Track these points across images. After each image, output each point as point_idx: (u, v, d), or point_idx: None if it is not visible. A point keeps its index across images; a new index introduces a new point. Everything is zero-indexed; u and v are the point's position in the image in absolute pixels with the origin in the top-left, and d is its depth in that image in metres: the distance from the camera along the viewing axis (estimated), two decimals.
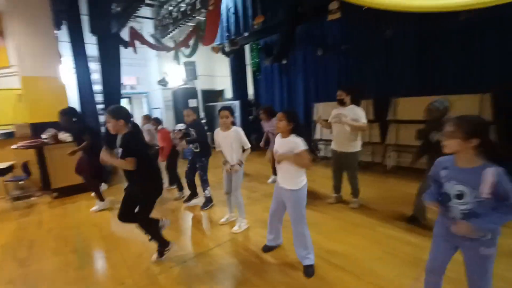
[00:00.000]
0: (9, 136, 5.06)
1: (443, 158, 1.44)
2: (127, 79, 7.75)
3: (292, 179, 2.09)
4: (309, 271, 2.13)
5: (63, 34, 5.45)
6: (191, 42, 5.00)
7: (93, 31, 5.12)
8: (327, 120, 3.42)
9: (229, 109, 2.85)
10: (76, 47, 5.07)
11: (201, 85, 8.65)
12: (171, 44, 6.32)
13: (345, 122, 3.05)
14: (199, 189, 3.78)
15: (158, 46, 5.44)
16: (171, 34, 5.55)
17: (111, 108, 2.21)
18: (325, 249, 2.44)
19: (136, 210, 2.30)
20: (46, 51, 4.80)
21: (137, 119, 9.82)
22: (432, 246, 1.56)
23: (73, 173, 4.62)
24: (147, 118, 4.97)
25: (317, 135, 6.18)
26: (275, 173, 4.74)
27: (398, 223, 2.86)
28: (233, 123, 2.92)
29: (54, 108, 4.93)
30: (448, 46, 4.23)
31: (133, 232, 3.01)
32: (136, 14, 4.76)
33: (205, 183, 3.52)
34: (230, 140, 2.82)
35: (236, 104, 7.63)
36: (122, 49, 5.91)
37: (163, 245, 2.43)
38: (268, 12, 4.66)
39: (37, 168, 5.01)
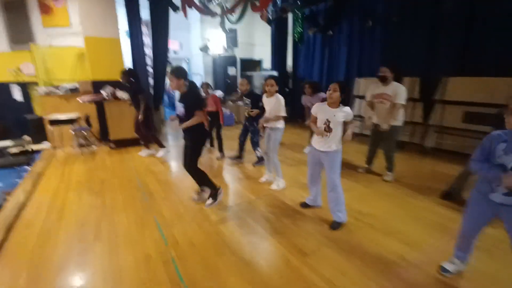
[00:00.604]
0: (74, 91, 5.72)
1: (500, 132, 1.45)
2: (170, 44, 8.04)
3: (336, 143, 2.31)
4: (334, 225, 2.39)
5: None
6: (239, 8, 5.05)
7: None
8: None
9: (275, 78, 3.20)
10: (130, 10, 5.38)
11: (240, 53, 8.72)
12: (217, 9, 6.39)
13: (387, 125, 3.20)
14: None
15: (208, 11, 5.56)
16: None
17: (173, 68, 2.49)
18: (355, 210, 2.68)
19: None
20: (107, 13, 5.19)
21: None
22: (468, 212, 1.68)
23: (128, 127, 5.21)
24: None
25: (355, 111, 6.16)
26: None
27: (430, 197, 2.97)
28: (277, 91, 3.15)
29: (113, 67, 5.46)
30: (506, 26, 3.86)
31: (184, 180, 3.49)
32: None
33: (255, 144, 3.94)
34: (271, 105, 3.08)
35: (274, 74, 7.69)
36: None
37: (213, 188, 2.73)
38: None
39: (97, 121, 5.69)
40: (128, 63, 6.00)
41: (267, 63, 9.34)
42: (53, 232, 2.42)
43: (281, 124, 3.13)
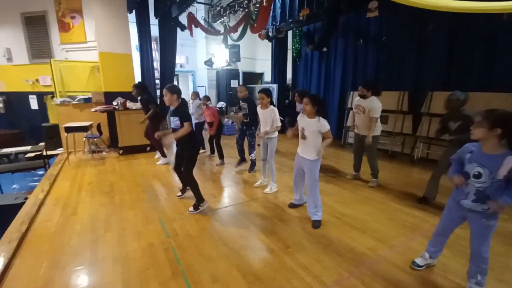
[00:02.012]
0: (87, 101, 6.19)
1: (471, 143, 1.67)
2: (177, 58, 8.56)
3: (313, 152, 2.59)
4: (315, 224, 2.67)
5: (130, 15, 6.28)
6: (240, 28, 5.52)
7: (157, 14, 5.88)
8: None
9: (264, 91, 3.43)
10: (142, 28, 5.89)
11: (242, 67, 9.21)
12: (220, 27, 6.90)
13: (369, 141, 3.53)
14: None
15: (211, 30, 6.05)
16: (222, 19, 6.13)
17: (168, 85, 2.89)
18: (338, 211, 2.97)
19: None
20: (120, 30, 5.69)
21: (184, 95, 10.79)
22: (443, 215, 1.92)
23: (136, 135, 5.64)
24: (196, 95, 5.80)
25: (349, 123, 6.47)
26: None
27: (408, 201, 3.25)
28: (271, 103, 3.46)
29: (123, 80, 5.94)
30: (486, 45, 4.22)
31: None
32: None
33: (252, 148, 4.18)
34: (265, 116, 3.42)
35: (274, 87, 8.11)
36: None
37: (199, 200, 2.97)
38: (312, 3, 4.94)
39: (107, 129, 6.12)
40: (137, 76, 6.48)
41: (268, 76, 9.81)
42: (68, 225, 2.76)
43: (275, 133, 3.45)
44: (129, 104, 5.68)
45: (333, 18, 4.33)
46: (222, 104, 8.15)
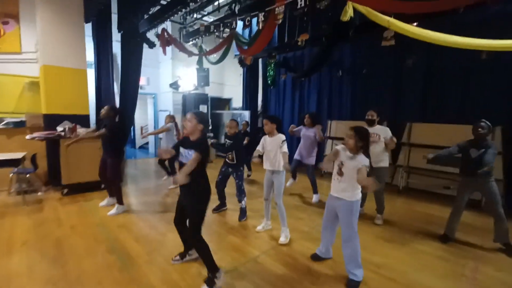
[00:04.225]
0: (19, 125, 4.81)
1: None
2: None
3: (352, 191, 2.19)
4: (351, 284, 2.19)
5: (86, 27, 5.33)
6: (222, 50, 5.08)
7: (120, 28, 5.08)
8: (342, 138, 3.63)
9: (268, 118, 2.97)
10: (101, 43, 5.00)
11: (210, 92, 8.69)
12: (193, 49, 6.37)
13: (391, 142, 3.28)
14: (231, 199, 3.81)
15: (189, 51, 5.47)
16: (195, 40, 5.63)
17: (197, 111, 2.20)
18: (368, 261, 2.52)
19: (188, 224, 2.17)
20: (74, 42, 4.68)
21: (141, 119, 9.57)
22: None
23: (87, 169, 4.48)
24: (171, 117, 5.10)
25: (327, 152, 6.38)
26: (294, 176, 4.73)
27: (428, 240, 3.03)
28: (277, 130, 2.96)
29: (74, 100, 4.83)
30: (460, 80, 4.62)
31: (167, 234, 2.99)
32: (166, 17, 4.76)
33: (242, 193, 3.52)
34: (274, 144, 2.89)
35: (246, 114, 7.75)
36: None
37: (213, 270, 2.09)
38: (315, 28, 4.82)
39: (45, 162, 4.78)
40: (91, 97, 5.40)
41: (236, 102, 9.46)
42: None
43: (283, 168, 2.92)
44: (80, 130, 4.54)
45: (334, 45, 4.23)
46: None
